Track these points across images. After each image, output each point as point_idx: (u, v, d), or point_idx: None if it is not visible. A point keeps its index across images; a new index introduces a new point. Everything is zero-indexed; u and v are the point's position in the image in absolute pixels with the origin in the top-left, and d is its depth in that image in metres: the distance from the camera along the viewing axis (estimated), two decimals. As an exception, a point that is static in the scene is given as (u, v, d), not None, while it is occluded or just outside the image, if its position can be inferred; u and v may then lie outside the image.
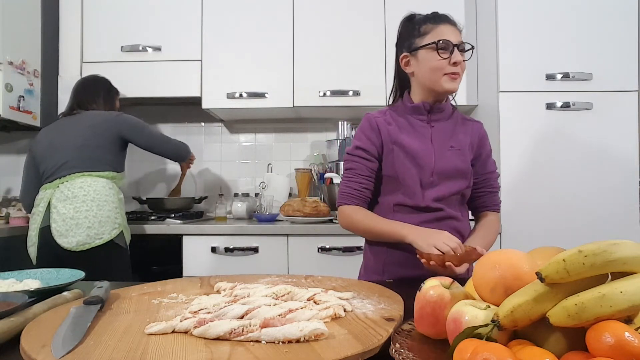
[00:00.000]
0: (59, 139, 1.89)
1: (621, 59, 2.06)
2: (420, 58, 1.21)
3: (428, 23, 1.20)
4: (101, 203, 1.81)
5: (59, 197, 1.79)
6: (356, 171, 1.24)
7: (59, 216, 1.76)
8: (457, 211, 1.25)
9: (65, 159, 1.84)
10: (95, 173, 1.85)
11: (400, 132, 1.23)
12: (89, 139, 1.87)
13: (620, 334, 0.42)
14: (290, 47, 2.38)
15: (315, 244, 2.08)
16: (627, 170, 2.05)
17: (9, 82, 2.15)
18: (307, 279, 0.97)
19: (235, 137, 2.80)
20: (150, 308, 0.74)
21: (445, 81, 1.19)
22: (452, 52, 1.17)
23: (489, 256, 0.58)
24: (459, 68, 1.18)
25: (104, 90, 2.07)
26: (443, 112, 1.26)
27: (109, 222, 1.81)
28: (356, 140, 1.27)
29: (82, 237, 1.74)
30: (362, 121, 1.28)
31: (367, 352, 0.54)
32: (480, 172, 1.29)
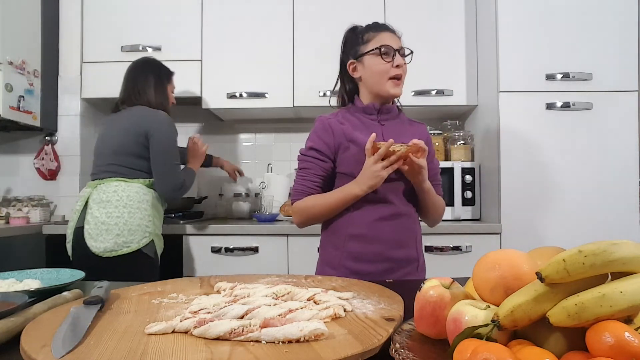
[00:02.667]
0: (103, 138, 1.88)
1: (621, 59, 2.06)
2: (366, 63, 1.31)
3: (370, 32, 1.31)
4: (133, 210, 1.75)
5: (95, 199, 1.76)
6: (310, 170, 1.30)
7: (93, 219, 1.73)
8: (410, 208, 1.32)
9: (107, 160, 1.82)
10: (130, 179, 1.81)
11: (354, 131, 1.30)
12: (127, 142, 1.81)
13: (620, 334, 0.42)
14: (290, 47, 2.38)
15: (315, 244, 2.07)
16: (627, 170, 2.05)
17: (9, 82, 2.15)
18: (307, 279, 0.97)
19: (235, 137, 2.80)
20: (150, 308, 0.74)
21: (390, 86, 1.29)
22: (394, 56, 1.27)
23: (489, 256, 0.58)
24: (401, 71, 1.28)
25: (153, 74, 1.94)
26: (391, 113, 1.35)
27: (139, 231, 1.75)
28: (309, 142, 1.34)
29: (109, 244, 1.70)
30: (316, 123, 1.36)
31: (367, 352, 0.54)
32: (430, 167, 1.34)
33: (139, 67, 1.96)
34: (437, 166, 1.42)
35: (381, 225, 1.27)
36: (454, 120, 2.60)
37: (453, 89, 2.34)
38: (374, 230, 1.26)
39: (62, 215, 2.47)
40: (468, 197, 2.25)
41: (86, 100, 2.52)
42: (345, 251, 1.28)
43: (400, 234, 1.29)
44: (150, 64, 1.98)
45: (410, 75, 1.42)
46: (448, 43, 2.34)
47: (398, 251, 1.27)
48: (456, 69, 2.34)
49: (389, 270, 1.27)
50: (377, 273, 1.26)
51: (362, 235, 1.26)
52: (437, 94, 2.33)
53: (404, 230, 1.29)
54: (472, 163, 2.28)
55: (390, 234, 1.27)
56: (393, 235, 1.27)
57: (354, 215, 1.28)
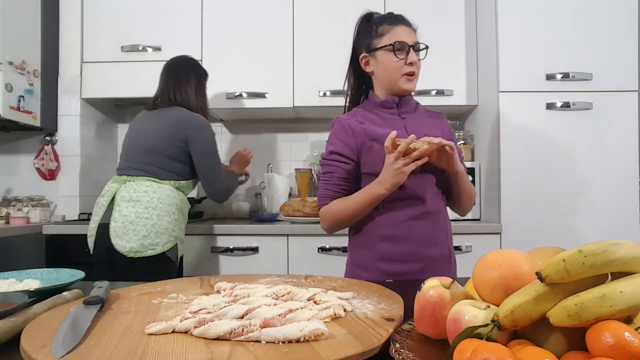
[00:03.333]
0: (136, 134, 1.85)
1: (621, 59, 2.06)
2: (379, 59, 1.27)
3: (385, 24, 1.26)
4: (162, 213, 1.73)
5: (123, 196, 1.73)
6: (333, 174, 1.27)
7: (121, 217, 1.70)
8: (440, 204, 1.29)
9: (139, 157, 1.80)
10: (162, 180, 1.79)
11: (376, 127, 1.26)
12: (163, 143, 1.79)
13: (620, 334, 0.42)
14: (290, 47, 2.38)
15: (315, 244, 2.08)
16: (627, 170, 2.05)
17: (9, 82, 2.15)
18: (307, 279, 0.97)
19: (235, 137, 2.80)
20: (150, 308, 0.74)
21: (403, 82, 1.26)
22: (408, 52, 1.23)
23: (489, 256, 0.58)
24: (414, 68, 1.25)
25: (195, 74, 1.91)
26: (410, 105, 1.32)
27: (166, 234, 1.73)
28: (330, 145, 1.30)
29: (135, 245, 1.67)
30: (334, 126, 1.31)
31: (367, 352, 0.54)
32: None
33: (181, 65, 1.92)
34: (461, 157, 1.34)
35: (413, 224, 1.24)
36: (454, 120, 2.60)
37: (453, 89, 2.33)
38: (406, 229, 1.23)
39: (62, 215, 2.47)
40: (468, 197, 2.25)
41: (86, 100, 2.52)
42: (378, 252, 1.25)
43: (432, 232, 1.26)
44: (192, 64, 1.94)
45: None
46: (448, 43, 2.34)
47: (431, 249, 1.25)
48: (456, 69, 2.34)
49: (423, 269, 1.23)
50: (410, 273, 1.23)
51: (394, 235, 1.23)
52: (437, 94, 2.33)
53: (435, 227, 1.26)
54: (472, 163, 2.28)
55: (422, 232, 1.24)
56: (425, 234, 1.24)
57: (384, 216, 1.25)
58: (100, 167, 2.65)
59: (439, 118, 1.38)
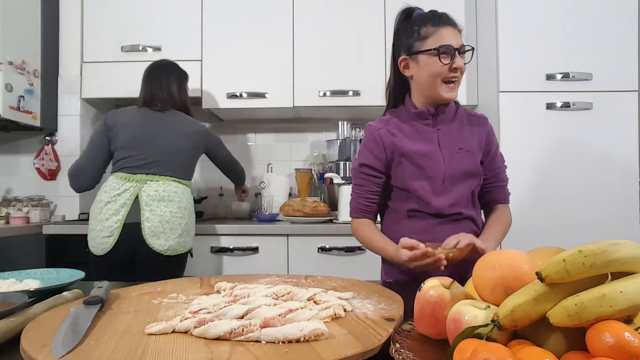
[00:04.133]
0: (149, 133, 1.83)
1: (621, 59, 2.06)
2: (421, 63, 1.17)
3: (429, 25, 1.16)
4: (190, 213, 1.86)
5: (152, 196, 1.74)
6: (363, 187, 1.25)
7: (155, 216, 1.72)
8: (472, 211, 1.24)
9: (157, 157, 1.81)
10: (183, 180, 1.88)
11: (407, 141, 1.21)
12: (184, 146, 1.88)
13: (620, 334, 0.42)
14: (290, 47, 2.38)
15: (315, 244, 2.08)
16: (627, 170, 2.05)
17: (9, 82, 2.15)
18: (307, 279, 0.97)
19: (235, 137, 2.80)
20: (150, 308, 0.74)
21: (444, 90, 1.17)
22: (453, 57, 1.14)
23: (489, 256, 0.58)
24: (458, 73, 1.16)
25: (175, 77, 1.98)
26: (447, 113, 1.23)
27: (191, 233, 1.87)
28: (360, 157, 1.26)
29: (173, 243, 1.75)
30: (365, 134, 1.26)
31: (367, 352, 0.54)
32: (490, 168, 1.28)
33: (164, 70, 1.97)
34: (501, 163, 1.31)
35: (443, 229, 1.18)
36: (454, 120, 2.60)
37: (453, 89, 2.33)
38: (433, 235, 1.16)
39: (62, 215, 2.46)
40: (468, 197, 2.25)
41: (86, 100, 2.51)
42: None
43: None
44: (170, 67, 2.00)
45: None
46: (448, 43, 2.34)
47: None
48: (456, 69, 2.34)
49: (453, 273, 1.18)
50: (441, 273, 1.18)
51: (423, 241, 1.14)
52: (437, 94, 2.32)
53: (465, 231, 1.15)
54: (472, 163, 2.27)
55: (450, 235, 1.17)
56: None
57: (413, 223, 1.22)
58: (100, 167, 2.64)
59: (479, 125, 1.27)
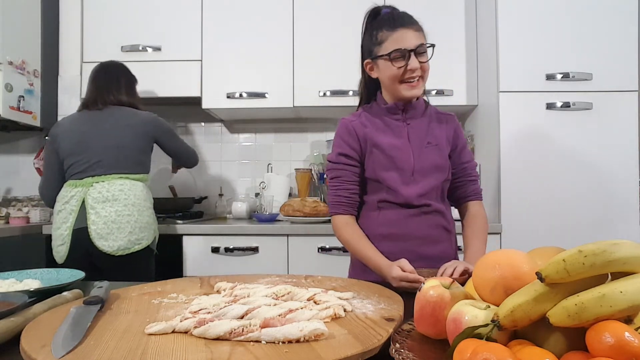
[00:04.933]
0: (89, 135, 1.81)
1: (621, 59, 2.06)
2: (380, 67, 1.23)
3: (384, 29, 1.20)
4: (142, 208, 1.79)
5: (96, 198, 1.73)
6: (343, 178, 1.26)
7: (100, 218, 1.71)
8: (441, 205, 1.27)
9: (99, 157, 1.78)
10: (132, 176, 1.82)
11: (378, 133, 1.25)
12: (127, 140, 1.83)
13: (620, 334, 0.42)
14: (290, 47, 2.38)
15: (315, 244, 2.08)
16: (627, 170, 2.05)
17: (9, 82, 2.15)
18: (307, 279, 0.97)
19: (235, 137, 2.80)
20: (150, 308, 0.74)
21: (404, 89, 1.21)
22: (408, 58, 1.17)
23: (489, 256, 0.58)
24: (417, 73, 1.19)
25: (125, 78, 1.97)
26: (417, 109, 1.28)
27: (147, 228, 1.80)
28: (337, 148, 1.28)
29: (123, 242, 1.71)
30: (339, 127, 1.30)
31: (367, 352, 0.54)
32: (457, 162, 1.31)
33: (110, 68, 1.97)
34: (469, 159, 1.34)
35: (411, 222, 1.22)
36: (454, 120, 2.60)
37: (453, 89, 2.33)
38: (404, 227, 1.22)
39: (62, 215, 2.46)
40: (468, 197, 2.25)
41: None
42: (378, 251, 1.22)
43: (432, 230, 1.23)
44: (120, 67, 1.99)
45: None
46: (448, 43, 2.34)
47: (431, 247, 1.22)
48: (456, 69, 2.34)
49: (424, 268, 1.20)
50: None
51: (392, 234, 1.22)
52: (437, 94, 2.33)
53: (436, 226, 1.24)
54: (472, 163, 2.27)
55: (421, 230, 1.22)
56: (424, 232, 1.22)
57: (382, 215, 1.24)
58: (100, 167, 2.64)
59: (447, 122, 1.32)
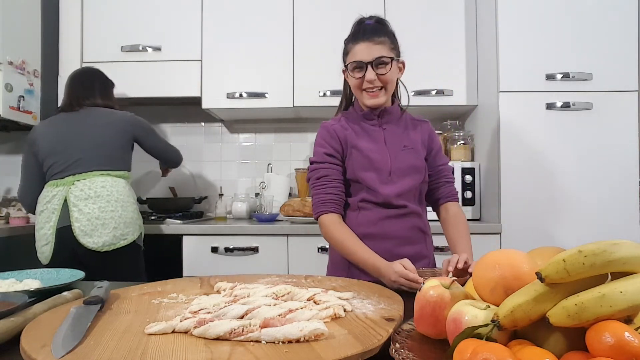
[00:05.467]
0: (68, 134, 1.82)
1: (621, 59, 2.06)
2: (348, 76, 1.31)
3: (349, 42, 1.29)
4: (125, 204, 1.80)
5: (78, 196, 1.73)
6: (331, 177, 1.28)
7: (83, 215, 1.71)
8: (418, 207, 1.32)
9: (79, 155, 1.79)
10: (113, 172, 1.83)
11: (357, 138, 1.31)
12: (107, 137, 1.84)
13: (620, 334, 0.42)
14: (290, 47, 2.38)
15: (315, 244, 2.08)
16: (627, 170, 2.05)
17: (9, 82, 2.15)
18: (307, 279, 0.97)
19: (235, 137, 2.80)
20: (150, 308, 0.74)
21: (366, 98, 1.28)
22: (365, 70, 1.23)
23: (489, 256, 0.58)
24: (376, 83, 1.24)
25: (99, 82, 2.00)
26: (392, 115, 1.34)
27: (132, 223, 1.81)
28: (320, 148, 1.32)
29: (108, 238, 1.72)
30: (320, 130, 1.35)
31: (367, 352, 0.54)
32: (433, 165, 1.37)
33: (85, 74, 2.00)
34: (445, 161, 1.40)
35: (389, 222, 1.27)
36: (454, 120, 2.60)
37: (453, 89, 2.33)
38: (381, 228, 1.27)
39: (62, 215, 2.46)
40: (468, 197, 2.25)
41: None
42: None
43: (408, 231, 1.29)
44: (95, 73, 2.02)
45: (410, 76, 1.42)
46: (448, 43, 2.34)
47: (407, 248, 1.27)
48: (456, 69, 2.34)
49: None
50: None
51: (370, 234, 1.26)
52: (437, 94, 2.33)
53: (412, 227, 1.29)
54: (472, 163, 2.28)
55: (398, 231, 1.27)
56: (401, 233, 1.27)
57: (361, 215, 1.28)
58: (100, 167, 2.64)
59: (421, 126, 1.38)
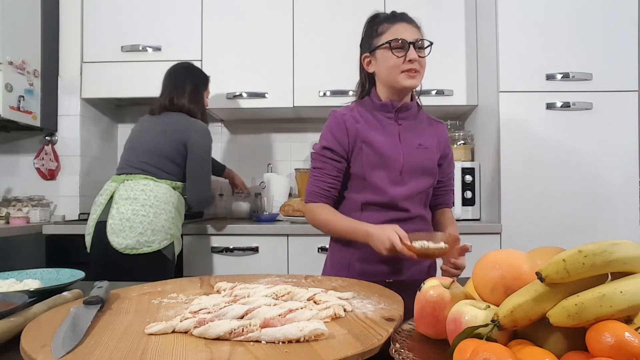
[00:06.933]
0: (137, 137, 1.90)
1: (621, 59, 2.06)
2: (379, 58, 1.25)
3: (385, 23, 1.25)
4: (159, 211, 1.76)
5: (122, 194, 1.75)
6: (324, 171, 1.27)
7: (118, 214, 1.72)
8: (422, 210, 1.31)
9: (135, 158, 1.84)
10: (159, 180, 1.82)
11: (369, 130, 1.26)
12: (163, 145, 1.85)
13: (620, 334, 0.42)
14: (290, 47, 2.38)
15: (315, 244, 2.08)
16: (627, 170, 2.05)
17: (9, 82, 2.14)
18: (307, 279, 0.97)
19: (235, 137, 2.80)
20: (150, 308, 0.74)
21: (403, 78, 1.22)
22: (407, 49, 1.20)
23: (489, 256, 0.58)
24: (416, 65, 1.21)
25: (190, 80, 1.97)
26: (409, 111, 1.30)
27: (162, 232, 1.76)
28: (323, 140, 1.29)
29: (131, 241, 1.70)
30: (329, 119, 1.30)
31: (367, 352, 0.54)
32: (446, 171, 1.36)
33: (179, 72, 1.98)
34: (451, 170, 1.39)
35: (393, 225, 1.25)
36: (454, 120, 2.60)
37: (453, 89, 2.33)
38: None
39: (62, 215, 2.46)
40: (468, 197, 2.25)
41: (86, 100, 2.51)
42: (357, 252, 1.26)
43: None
44: (189, 70, 1.99)
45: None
46: (448, 43, 2.34)
47: None
48: (456, 69, 2.34)
49: (398, 270, 1.25)
50: (385, 273, 1.24)
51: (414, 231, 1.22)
52: (437, 94, 2.33)
53: (414, 231, 1.25)
54: (472, 163, 2.28)
55: None
56: None
57: (363, 217, 1.26)
58: (100, 167, 2.65)
59: (438, 127, 1.36)
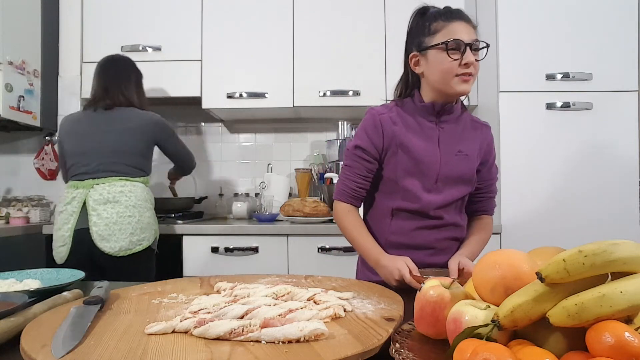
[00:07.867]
0: (91, 138, 1.82)
1: (621, 59, 2.06)
2: (430, 58, 1.14)
3: (439, 20, 1.13)
4: (142, 210, 1.80)
5: (97, 200, 1.74)
6: (354, 170, 1.22)
7: (101, 220, 1.72)
8: (457, 217, 1.23)
9: (100, 160, 1.80)
10: (132, 179, 1.83)
11: (407, 133, 1.18)
12: (129, 143, 1.83)
13: (620, 334, 0.42)
14: (290, 47, 2.38)
15: (315, 244, 2.08)
16: (627, 170, 2.05)
17: (9, 82, 2.15)
18: (307, 279, 0.96)
19: (235, 137, 2.80)
20: (150, 308, 0.74)
21: (457, 83, 1.11)
22: (463, 52, 1.09)
23: (489, 256, 0.58)
24: (471, 69, 1.10)
25: (135, 75, 1.97)
26: (452, 114, 1.21)
27: (149, 229, 1.82)
28: (357, 139, 1.22)
29: (124, 243, 1.73)
30: (366, 117, 1.23)
31: (367, 352, 0.54)
32: (485, 178, 1.27)
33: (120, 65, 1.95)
34: (495, 175, 1.31)
35: (425, 233, 1.20)
36: (454, 120, 2.60)
37: (453, 89, 2.33)
38: (414, 238, 1.20)
39: (62, 215, 2.46)
40: (468, 197, 2.25)
41: (86, 100, 2.51)
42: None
43: (442, 243, 1.21)
44: (129, 63, 1.97)
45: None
46: (448, 43, 2.34)
47: (439, 257, 1.20)
48: (456, 69, 2.34)
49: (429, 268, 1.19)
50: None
51: (403, 243, 1.20)
52: (437, 94, 2.33)
53: (447, 238, 1.21)
54: (472, 163, 2.28)
55: (433, 242, 1.20)
56: (436, 243, 1.20)
57: (394, 223, 1.21)
58: (100, 167, 2.64)
59: (482, 131, 1.26)
